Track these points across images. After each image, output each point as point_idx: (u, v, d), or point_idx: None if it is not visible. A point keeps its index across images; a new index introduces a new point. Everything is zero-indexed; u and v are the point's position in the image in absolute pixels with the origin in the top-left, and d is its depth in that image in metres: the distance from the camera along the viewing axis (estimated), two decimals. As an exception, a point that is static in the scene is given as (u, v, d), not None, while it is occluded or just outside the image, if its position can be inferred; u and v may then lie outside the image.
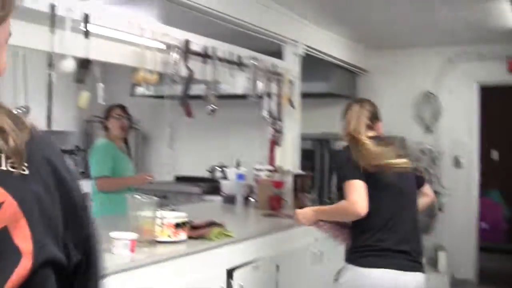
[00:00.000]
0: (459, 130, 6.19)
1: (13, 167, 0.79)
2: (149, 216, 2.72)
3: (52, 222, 0.82)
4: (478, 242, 6.25)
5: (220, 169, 5.97)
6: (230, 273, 3.10)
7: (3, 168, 0.78)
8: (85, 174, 5.43)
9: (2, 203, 0.76)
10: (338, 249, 4.41)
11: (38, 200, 0.80)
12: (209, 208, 4.90)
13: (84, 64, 2.91)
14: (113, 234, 2.53)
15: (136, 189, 6.73)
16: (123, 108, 4.31)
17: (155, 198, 2.80)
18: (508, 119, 8.69)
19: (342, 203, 2.65)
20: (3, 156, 0.78)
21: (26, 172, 0.80)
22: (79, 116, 6.67)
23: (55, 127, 6.75)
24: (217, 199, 4.98)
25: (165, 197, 6.51)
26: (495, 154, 8.74)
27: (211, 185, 5.91)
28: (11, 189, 0.77)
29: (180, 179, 7.00)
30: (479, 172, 6.34)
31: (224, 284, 3.04)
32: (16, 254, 0.76)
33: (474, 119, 6.23)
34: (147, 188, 6.73)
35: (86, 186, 4.30)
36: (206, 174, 6.65)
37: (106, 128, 4.29)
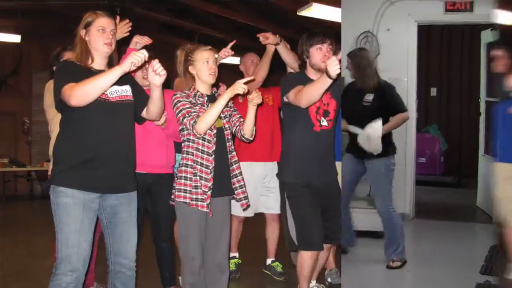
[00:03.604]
0: (397, 69, 6.27)
1: None
2: None
3: None
4: (414, 177, 6.46)
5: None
6: None
7: None
8: None
9: None
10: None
11: None
12: None
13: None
14: None
15: None
16: None
17: None
18: (446, 58, 8.93)
19: None
20: None
21: None
22: None
23: None
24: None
25: None
26: (433, 91, 8.97)
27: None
28: None
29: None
30: (416, 109, 6.48)
31: None
32: None
33: (412, 57, 6.33)
34: None
35: None
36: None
37: None
